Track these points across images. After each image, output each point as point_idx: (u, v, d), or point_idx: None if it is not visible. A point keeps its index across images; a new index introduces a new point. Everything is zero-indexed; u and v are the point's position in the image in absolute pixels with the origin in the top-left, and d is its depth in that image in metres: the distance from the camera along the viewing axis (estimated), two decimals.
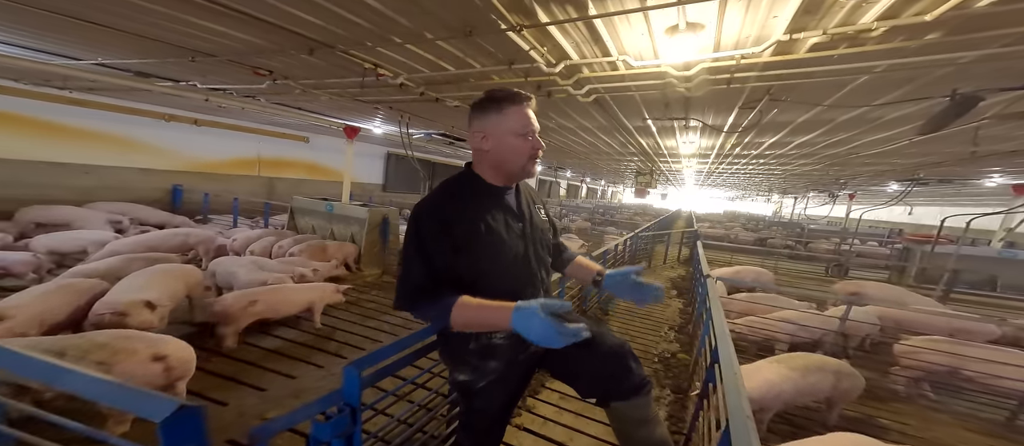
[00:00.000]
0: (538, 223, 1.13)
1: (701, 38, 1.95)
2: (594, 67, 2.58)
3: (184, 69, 3.48)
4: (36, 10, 2.22)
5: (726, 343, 1.40)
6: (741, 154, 6.43)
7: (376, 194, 10.81)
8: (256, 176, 8.27)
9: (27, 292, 2.15)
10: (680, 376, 2.93)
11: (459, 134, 6.62)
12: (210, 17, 2.13)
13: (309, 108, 5.25)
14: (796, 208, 17.89)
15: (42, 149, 5.36)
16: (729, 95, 3.01)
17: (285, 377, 2.41)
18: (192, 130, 6.98)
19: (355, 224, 5.05)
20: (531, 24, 1.98)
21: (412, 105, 4.31)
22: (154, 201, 6.38)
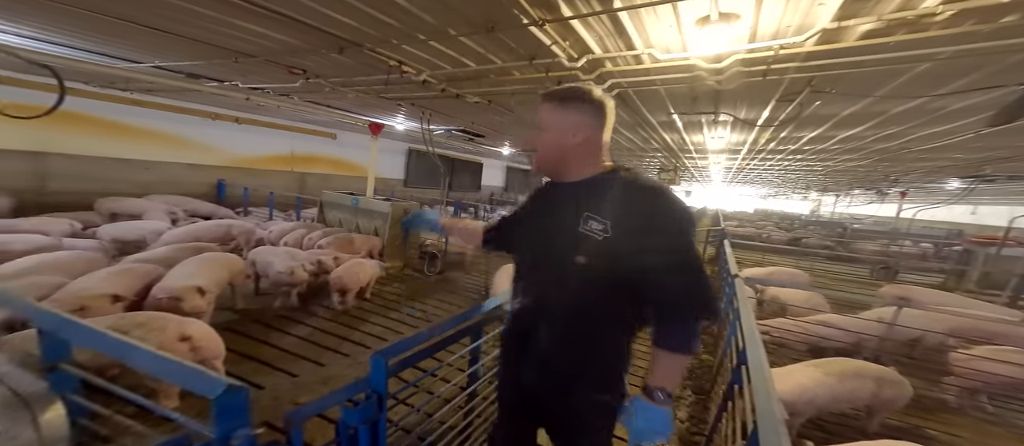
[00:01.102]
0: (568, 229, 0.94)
1: (735, 29, 1.85)
2: (617, 61, 2.51)
3: (228, 70, 3.72)
4: (105, 17, 2.43)
5: (755, 345, 1.34)
6: (776, 149, 6.04)
7: (398, 189, 11.10)
8: (289, 171, 8.73)
9: (95, 274, 2.44)
10: (702, 377, 2.87)
11: (478, 130, 6.66)
12: (253, 19, 2.26)
13: (337, 106, 5.47)
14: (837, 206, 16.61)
15: (108, 146, 5.93)
16: (765, 88, 2.84)
17: (314, 364, 2.56)
18: (234, 128, 7.46)
19: (378, 218, 5.23)
20: (553, 18, 1.96)
21: (433, 101, 4.38)
22: (202, 194, 6.91)
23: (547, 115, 0.95)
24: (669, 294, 0.86)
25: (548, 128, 0.95)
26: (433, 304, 4.01)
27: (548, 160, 0.98)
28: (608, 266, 0.87)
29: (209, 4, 2.08)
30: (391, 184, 11.20)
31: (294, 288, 3.37)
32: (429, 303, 4.01)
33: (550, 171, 1.00)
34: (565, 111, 0.94)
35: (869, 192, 12.10)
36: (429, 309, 3.85)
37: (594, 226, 0.89)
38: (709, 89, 2.93)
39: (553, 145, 0.95)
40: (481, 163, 14.50)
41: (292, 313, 3.29)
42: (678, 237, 0.86)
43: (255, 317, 3.12)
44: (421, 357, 1.32)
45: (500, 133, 7.04)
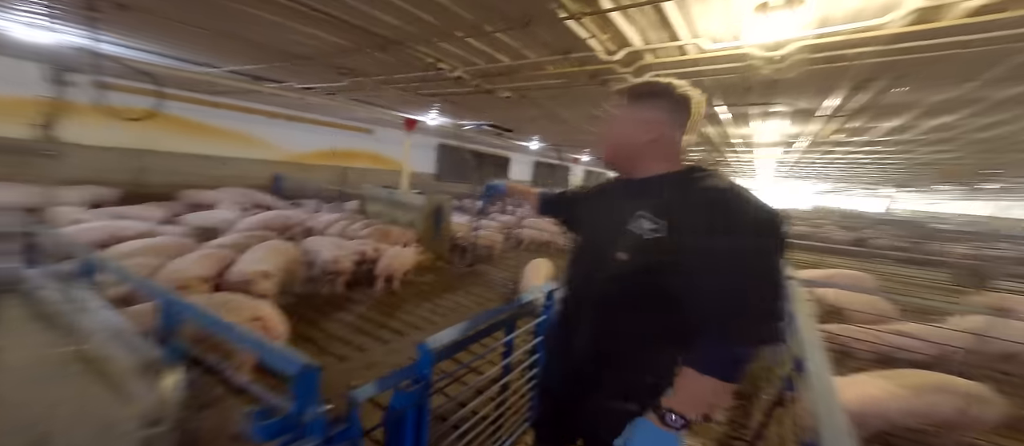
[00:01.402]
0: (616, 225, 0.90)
1: (800, 13, 1.68)
2: (659, 53, 2.40)
3: (286, 71, 4.07)
4: (192, 27, 2.76)
5: (815, 351, 1.25)
6: (843, 141, 5.41)
7: (428, 183, 11.46)
8: (332, 166, 9.38)
9: (186, 257, 2.81)
10: (744, 381, 2.75)
11: (507, 124, 6.67)
12: (309, 22, 2.44)
13: (377, 103, 5.76)
14: (914, 203, 14.48)
15: (191, 144, 6.78)
16: (832, 75, 2.55)
17: (358, 350, 2.77)
18: (288, 126, 8.15)
19: (413, 211, 5.48)
20: (592, 11, 1.91)
21: (465, 97, 4.46)
22: (262, 187, 7.66)
23: (618, 110, 0.94)
24: (718, 310, 0.73)
25: (617, 124, 0.93)
26: (462, 295, 4.14)
27: (614, 156, 0.96)
28: (651, 267, 0.80)
29: (274, 10, 2.26)
30: (423, 178, 11.59)
31: (340, 276, 3.66)
32: (458, 295, 4.14)
33: (617, 167, 0.97)
34: (638, 107, 0.90)
35: (959, 188, 10.41)
36: (459, 300, 3.99)
37: (644, 224, 0.82)
38: (763, 78, 2.70)
39: (619, 141, 0.93)
40: (508, 157, 14.57)
41: (337, 299, 3.57)
42: (748, 248, 0.73)
43: (307, 301, 3.43)
44: (457, 349, 1.39)
45: (529, 127, 7.00)
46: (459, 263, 5.21)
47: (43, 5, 2.33)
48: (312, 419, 0.77)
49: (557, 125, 6.21)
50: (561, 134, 7.52)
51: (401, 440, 1.03)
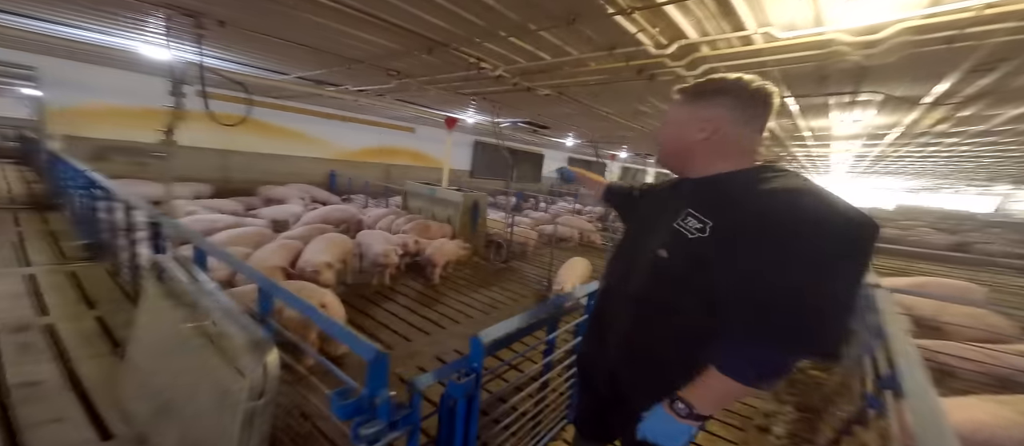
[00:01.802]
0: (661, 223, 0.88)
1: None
2: (717, 44, 2.22)
3: (343, 76, 4.42)
4: (273, 39, 3.09)
5: (915, 369, 1.11)
6: (949, 132, 4.58)
7: (465, 180, 11.76)
8: (378, 163, 10.02)
9: (266, 247, 3.19)
10: (809, 394, 2.54)
11: (543, 121, 6.60)
12: (365, 28, 2.61)
13: (420, 102, 6.03)
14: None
15: (264, 144, 7.71)
16: (946, 57, 2.17)
17: (404, 339, 2.96)
18: (341, 126, 8.88)
19: (451, 207, 5.67)
20: (644, 5, 1.83)
21: (504, 95, 4.51)
22: (320, 183, 8.45)
23: (673, 109, 0.91)
24: (746, 314, 0.69)
25: (670, 123, 0.90)
26: (497, 291, 4.23)
27: (667, 155, 0.93)
28: (692, 268, 0.77)
29: (337, 17, 2.44)
30: (459, 175, 11.93)
31: (387, 268, 3.93)
32: (494, 290, 4.24)
33: (671, 166, 0.94)
34: (694, 105, 0.86)
35: None
36: (494, 296, 4.08)
37: (691, 223, 0.79)
38: (850, 65, 2.37)
39: (673, 140, 0.90)
40: (543, 154, 14.45)
41: (384, 290, 3.84)
42: (807, 250, 0.65)
43: (359, 291, 3.73)
44: (506, 343, 1.43)
45: (565, 123, 6.88)
46: (494, 259, 5.33)
47: (162, 25, 2.77)
48: (381, 403, 0.86)
49: (597, 121, 6.03)
50: (600, 130, 7.29)
51: (453, 429, 1.10)
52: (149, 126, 2.81)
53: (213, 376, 1.05)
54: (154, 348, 1.38)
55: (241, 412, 0.94)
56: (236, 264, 1.32)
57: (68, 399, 1.54)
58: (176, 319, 1.20)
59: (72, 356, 1.84)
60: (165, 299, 1.32)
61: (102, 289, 2.65)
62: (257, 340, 0.98)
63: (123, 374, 1.56)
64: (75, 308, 2.35)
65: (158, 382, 1.33)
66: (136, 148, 6.00)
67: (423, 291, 3.93)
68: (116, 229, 2.67)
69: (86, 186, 3.09)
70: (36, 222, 4.14)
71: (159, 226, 1.77)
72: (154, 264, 1.41)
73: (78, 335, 2.04)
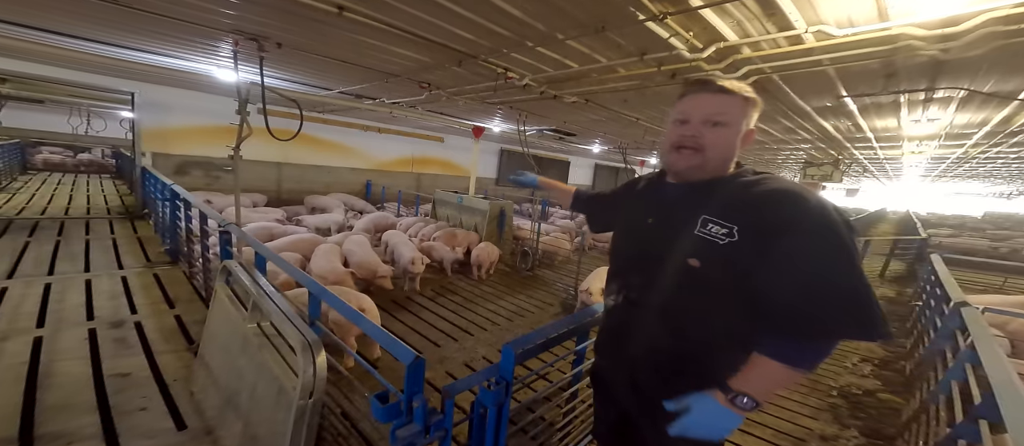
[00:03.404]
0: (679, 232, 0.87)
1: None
2: (760, 45, 2.09)
3: (380, 89, 4.71)
4: (321, 57, 3.38)
5: (1017, 397, 0.98)
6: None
7: (490, 187, 11.92)
8: (410, 172, 10.46)
9: (320, 250, 3.69)
10: (880, 419, 2.34)
11: (570, 129, 6.55)
12: (400, 43, 2.77)
13: (450, 113, 6.25)
14: None
15: (311, 156, 8.39)
16: None
17: (433, 344, 3.04)
18: (376, 137, 9.42)
19: (478, 215, 5.78)
20: (678, 10, 1.78)
21: (530, 103, 4.54)
22: (357, 193, 9.01)
23: (737, 112, 0.85)
24: (796, 307, 0.72)
25: (733, 125, 0.85)
26: (524, 299, 4.22)
27: (719, 160, 0.87)
28: (729, 274, 0.78)
29: (376, 34, 2.61)
30: (485, 182, 12.13)
31: (417, 275, 4.09)
32: (520, 298, 4.24)
33: (709, 172, 0.88)
34: (749, 110, 0.86)
35: None
36: (520, 303, 4.08)
37: (714, 229, 0.80)
38: (924, 60, 2.13)
39: (730, 144, 0.86)
40: (569, 161, 14.29)
41: (415, 296, 3.99)
42: (835, 244, 0.72)
43: (391, 296, 3.89)
44: (535, 353, 1.43)
45: (592, 130, 6.77)
46: (521, 266, 5.33)
47: (230, 49, 3.13)
48: (418, 407, 0.90)
49: (626, 127, 5.88)
50: (629, 136, 7.09)
51: (483, 436, 1.12)
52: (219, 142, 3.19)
53: (271, 374, 1.16)
54: (222, 345, 1.54)
55: (295, 409, 1.03)
56: (290, 270, 1.44)
57: (152, 390, 1.75)
58: (240, 319, 1.34)
59: (156, 351, 2.08)
60: (231, 301, 1.47)
61: (180, 290, 2.99)
62: (309, 341, 1.06)
63: (196, 369, 1.76)
64: (158, 307, 2.67)
65: (225, 378, 1.48)
66: (209, 162, 6.82)
67: (451, 299, 4.03)
68: (192, 235, 3.03)
69: (168, 197, 3.54)
70: (127, 229, 4.77)
71: (227, 233, 1.99)
72: (223, 268, 1.59)
73: (160, 331, 2.31)
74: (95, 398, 1.66)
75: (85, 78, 5.28)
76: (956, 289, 2.39)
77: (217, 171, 6.94)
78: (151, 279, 3.17)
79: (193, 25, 2.68)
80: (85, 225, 4.71)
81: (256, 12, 2.39)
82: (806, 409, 2.39)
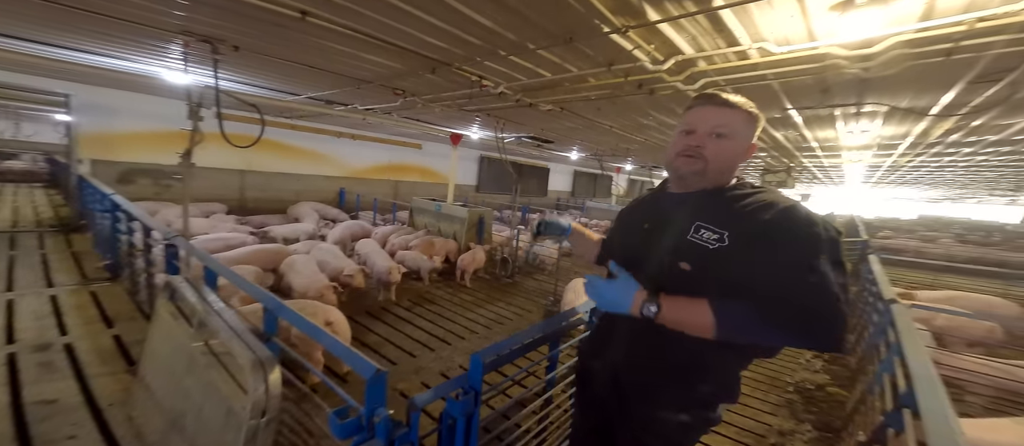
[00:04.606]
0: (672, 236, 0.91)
1: (895, 9, 1.48)
2: (714, 59, 2.25)
3: (352, 95, 4.58)
4: (285, 61, 3.23)
5: (931, 386, 1.07)
6: (962, 141, 4.49)
7: (470, 194, 11.87)
8: (387, 180, 10.22)
9: (296, 262, 3.57)
10: (829, 412, 2.49)
11: (547, 136, 6.70)
12: (373, 51, 2.72)
13: (426, 119, 6.19)
14: None
15: (278, 163, 7.96)
16: (947, 69, 2.16)
17: (408, 355, 2.96)
18: (350, 143, 9.13)
19: (457, 222, 5.73)
20: (638, 24, 1.88)
21: (507, 111, 4.60)
22: (329, 201, 8.65)
23: (741, 126, 0.89)
24: (779, 312, 0.73)
25: (737, 138, 0.89)
26: (503, 306, 4.21)
27: (720, 170, 0.90)
28: (717, 277, 0.81)
29: (346, 41, 2.55)
30: (465, 190, 12.06)
31: (392, 285, 3.97)
32: (499, 305, 4.22)
33: (709, 180, 0.91)
34: (752, 126, 0.91)
35: None
36: (500, 311, 4.06)
37: (706, 235, 0.84)
38: (850, 78, 2.38)
39: (734, 158, 0.90)
40: (548, 168, 14.54)
41: (389, 306, 3.86)
42: (810, 252, 0.75)
43: (366, 307, 3.76)
44: (506, 360, 1.43)
45: (570, 137, 6.96)
46: (501, 274, 5.32)
47: (180, 51, 2.94)
48: (379, 421, 0.87)
49: (601, 135, 6.08)
50: (605, 143, 7.34)
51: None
52: (170, 149, 2.96)
53: (219, 394, 1.07)
54: (165, 366, 1.42)
55: (244, 430, 0.96)
56: (243, 284, 1.36)
57: (82, 416, 1.58)
58: (185, 338, 1.23)
59: (89, 374, 1.89)
60: (175, 319, 1.36)
61: (121, 308, 2.73)
62: (260, 359, 1.00)
63: (136, 391, 1.60)
64: (94, 327, 2.43)
65: (169, 399, 1.36)
66: (159, 170, 6.31)
67: (429, 308, 3.95)
68: (134, 250, 2.78)
69: (108, 208, 3.24)
70: (61, 244, 4.32)
71: (173, 246, 1.85)
72: (166, 284, 1.47)
73: (96, 353, 2.10)
74: (13, 428, 1.48)
75: (13, 79, 4.77)
76: (888, 287, 2.64)
77: (168, 180, 6.42)
78: (87, 297, 2.88)
79: (138, 25, 2.49)
80: (9, 240, 4.21)
81: (208, 13, 2.27)
82: (766, 406, 2.52)
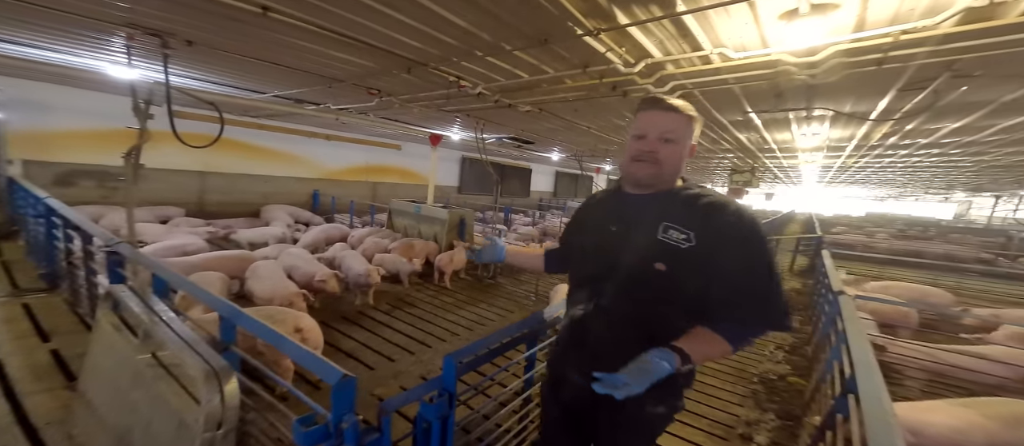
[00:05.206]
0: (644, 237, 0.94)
1: (833, 19, 1.61)
2: (681, 63, 2.36)
3: (324, 94, 4.41)
4: (249, 59, 3.07)
5: (869, 372, 1.16)
6: (899, 144, 4.94)
7: (452, 196, 11.74)
8: (364, 181, 9.91)
9: (259, 269, 3.35)
10: (790, 401, 2.61)
11: (528, 137, 6.75)
12: (343, 49, 2.64)
13: (404, 120, 6.07)
14: (998, 210, 12.80)
15: (244, 164, 7.50)
16: (880, 77, 2.37)
17: (387, 359, 2.87)
18: (325, 145, 8.77)
19: (437, 224, 5.64)
20: (609, 27, 1.94)
21: (487, 111, 4.59)
22: (302, 204, 8.27)
23: (684, 129, 0.95)
24: (743, 306, 0.86)
25: (682, 141, 0.95)
26: (485, 308, 4.18)
27: (673, 173, 0.97)
28: (689, 275, 0.89)
29: (313, 38, 2.46)
30: (446, 191, 11.92)
31: (370, 289, 3.85)
32: (481, 307, 4.19)
33: (664, 182, 0.97)
34: (691, 126, 0.97)
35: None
36: (482, 313, 4.03)
37: (675, 235, 0.90)
38: (799, 84, 2.57)
39: (680, 158, 0.96)
40: (530, 169, 14.65)
41: (367, 310, 3.74)
42: (761, 251, 0.87)
43: (342, 312, 3.62)
44: (483, 361, 1.42)
45: (550, 138, 7.05)
46: (483, 275, 5.29)
47: (123, 45, 2.70)
48: (347, 427, 0.84)
49: (579, 136, 6.20)
50: (585, 144, 7.49)
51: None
52: (117, 149, 2.71)
53: (169, 407, 0.99)
54: (108, 380, 1.30)
55: (199, 443, 0.89)
56: (195, 291, 1.27)
57: (14, 437, 1.43)
58: (130, 350, 1.13)
59: (21, 392, 1.71)
60: (118, 330, 1.25)
61: (59, 321, 2.49)
62: (213, 369, 0.93)
63: (77, 408, 1.46)
64: (27, 341, 2.20)
65: (114, 415, 1.24)
66: (104, 172, 5.78)
67: (410, 311, 3.86)
68: (74, 258, 2.54)
69: (42, 213, 2.93)
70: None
71: (116, 253, 1.70)
72: (107, 294, 1.34)
73: (29, 369, 1.91)
74: None
75: None
76: (837, 280, 2.85)
77: (114, 182, 5.90)
78: (19, 310, 2.60)
79: (75, 16, 2.28)
80: None
81: (156, 6, 2.11)
82: (734, 397, 2.63)
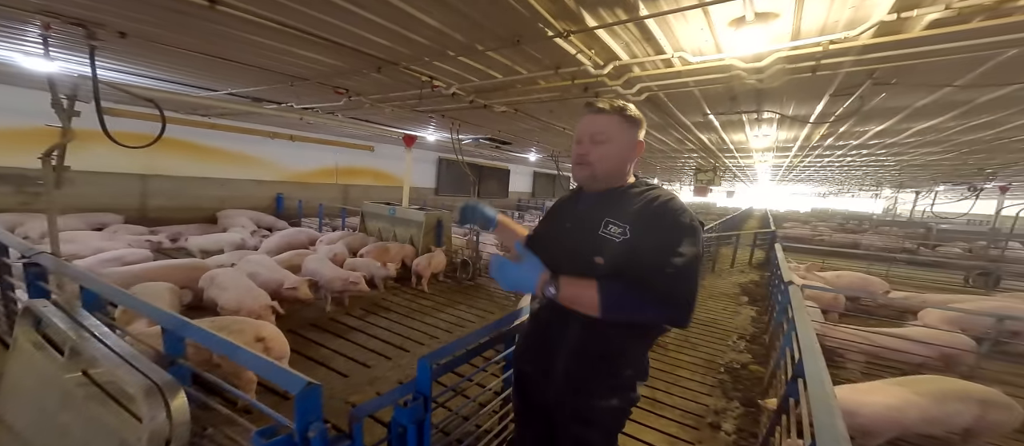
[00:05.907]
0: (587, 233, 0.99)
1: (774, 28, 1.76)
2: (645, 66, 2.48)
3: (285, 93, 4.16)
4: (194, 54, 2.83)
5: (814, 357, 1.27)
6: (835, 145, 5.48)
7: (429, 197, 11.54)
8: (335, 184, 9.48)
9: (219, 277, 3.15)
10: (752, 389, 2.77)
11: (505, 137, 6.78)
12: (306, 46, 2.52)
13: (375, 120, 5.87)
14: (918, 204, 14.57)
15: (194, 167, 6.89)
16: (815, 83, 2.63)
17: (362, 366, 2.76)
18: (290, 146, 8.29)
19: (413, 227, 5.51)
20: (578, 29, 1.99)
21: (462, 112, 4.55)
22: (264, 208, 7.74)
23: (615, 129, 0.98)
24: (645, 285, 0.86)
25: (614, 141, 0.99)
26: (465, 309, 4.14)
27: (609, 172, 1.01)
28: (623, 266, 0.91)
29: (268, 34, 2.32)
30: (423, 193, 11.69)
31: (343, 295, 3.68)
32: (461, 309, 4.14)
33: (603, 181, 1.02)
34: (630, 127, 0.99)
35: (958, 188, 10.48)
36: (461, 314, 3.98)
37: (613, 230, 0.94)
38: (750, 88, 2.78)
39: (618, 158, 1.00)
40: (508, 169, 14.70)
41: (340, 317, 3.58)
42: (679, 240, 0.89)
43: (311, 321, 3.44)
44: (459, 363, 1.40)
45: (526, 139, 7.13)
46: (461, 276, 5.21)
47: (39, 34, 2.39)
48: (315, 436, 0.78)
49: (555, 136, 6.31)
50: (561, 145, 7.64)
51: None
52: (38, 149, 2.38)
53: (106, 428, 0.88)
54: (32, 403, 1.13)
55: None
56: (132, 302, 1.14)
57: None
58: (56, 369, 0.99)
59: None
60: (40, 349, 1.09)
61: None
62: (156, 384, 0.84)
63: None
64: None
65: (41, 439, 1.08)
66: (22, 176, 5.08)
67: (385, 315, 3.74)
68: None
69: None
70: None
71: (36, 265, 1.49)
72: (25, 309, 1.17)
73: None
74: None
75: None
76: (788, 271, 3.11)
77: (35, 187, 5.23)
78: None
79: None
80: None
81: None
82: (704, 388, 2.77)
